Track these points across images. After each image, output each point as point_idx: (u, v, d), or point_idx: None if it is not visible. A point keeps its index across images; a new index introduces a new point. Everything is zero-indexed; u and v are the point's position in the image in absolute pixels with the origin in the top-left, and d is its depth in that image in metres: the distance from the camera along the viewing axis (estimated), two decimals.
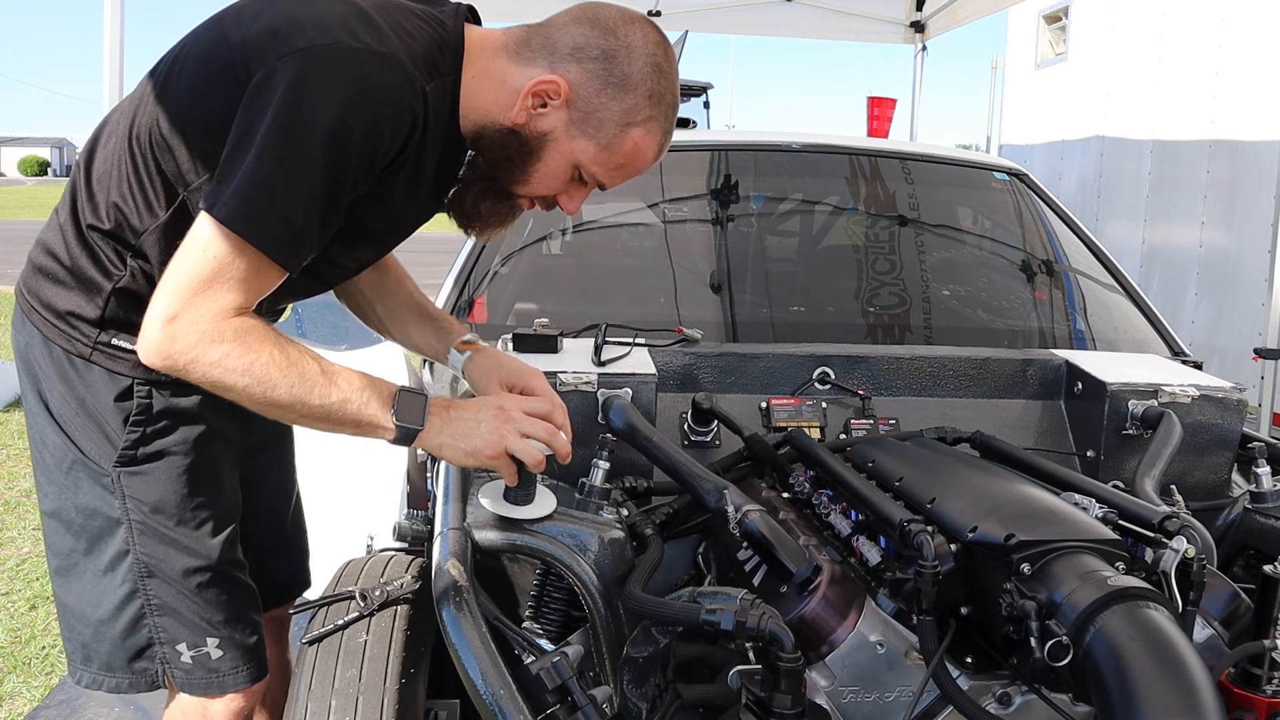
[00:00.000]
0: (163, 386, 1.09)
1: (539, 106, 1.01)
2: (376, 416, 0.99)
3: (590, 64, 1.00)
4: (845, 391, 1.59)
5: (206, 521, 1.14)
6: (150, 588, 1.13)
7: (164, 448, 1.11)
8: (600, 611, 1.07)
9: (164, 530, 1.11)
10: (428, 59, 0.98)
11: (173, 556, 1.12)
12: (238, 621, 1.16)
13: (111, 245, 1.06)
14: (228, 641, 1.15)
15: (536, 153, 1.03)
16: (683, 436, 1.52)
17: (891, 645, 1.00)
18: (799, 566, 1.02)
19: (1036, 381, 1.64)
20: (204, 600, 1.14)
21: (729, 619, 0.90)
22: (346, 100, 0.91)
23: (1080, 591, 0.88)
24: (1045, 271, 2.13)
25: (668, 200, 2.12)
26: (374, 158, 0.95)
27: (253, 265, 0.93)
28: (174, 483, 1.11)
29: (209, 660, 1.15)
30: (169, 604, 1.13)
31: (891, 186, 2.19)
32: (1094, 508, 1.08)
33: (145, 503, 1.11)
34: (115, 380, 1.08)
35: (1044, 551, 0.94)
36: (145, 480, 1.10)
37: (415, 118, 0.96)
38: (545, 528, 1.08)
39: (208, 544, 1.13)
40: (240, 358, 0.94)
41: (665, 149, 1.07)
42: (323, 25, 0.95)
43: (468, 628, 0.90)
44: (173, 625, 1.14)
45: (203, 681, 1.16)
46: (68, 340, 1.08)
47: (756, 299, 2.00)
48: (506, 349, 1.52)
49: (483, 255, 1.94)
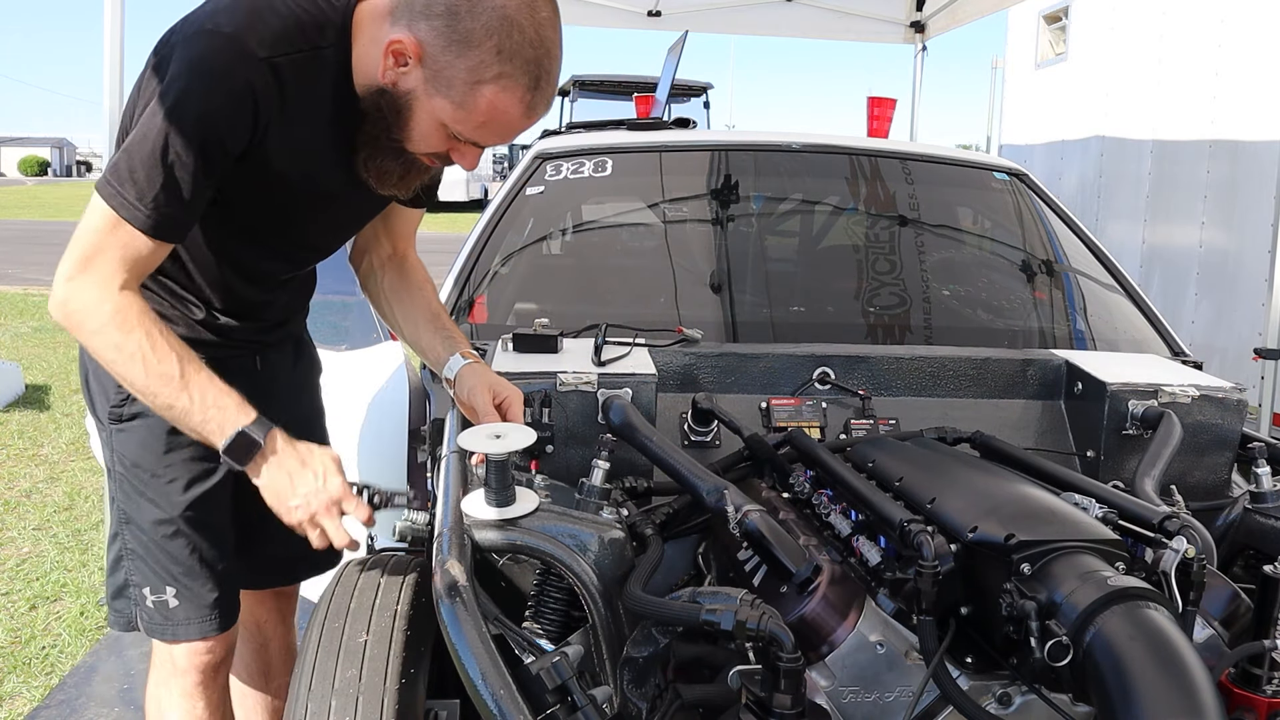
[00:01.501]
0: None
1: (400, 66, 1.04)
2: (211, 439, 1.09)
3: (435, 20, 1.01)
4: (845, 391, 1.59)
5: (175, 480, 1.23)
6: (125, 533, 1.26)
7: (143, 409, 1.20)
8: (600, 611, 1.07)
9: (137, 483, 1.23)
10: (285, 34, 1.04)
11: (143, 507, 1.24)
12: (197, 576, 1.25)
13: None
14: (185, 592, 1.25)
15: (405, 111, 1.06)
16: (683, 436, 1.52)
17: (891, 645, 1.00)
18: (799, 566, 1.02)
19: (1036, 381, 1.64)
20: (166, 551, 1.24)
21: (729, 619, 0.90)
22: (186, 78, 1.01)
23: (1080, 591, 0.88)
24: (1045, 271, 2.13)
25: (668, 200, 2.12)
26: (214, 126, 1.02)
27: (125, 235, 1.03)
28: (151, 442, 1.22)
29: (166, 608, 1.25)
30: (138, 550, 1.25)
31: (891, 186, 2.19)
32: (1094, 508, 1.08)
33: (126, 456, 1.23)
34: None
35: (1044, 551, 0.93)
36: (127, 436, 1.23)
37: (252, 89, 1.03)
38: (545, 528, 1.08)
39: (174, 500, 1.23)
40: (112, 334, 1.04)
41: (540, 105, 1.04)
42: (199, 13, 1.05)
43: (468, 628, 0.90)
44: (140, 569, 1.25)
45: (159, 626, 1.27)
46: None
47: (756, 299, 2.00)
48: (507, 349, 1.52)
49: (483, 255, 1.94)
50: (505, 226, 1.99)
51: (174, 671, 1.29)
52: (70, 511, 3.32)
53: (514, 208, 2.01)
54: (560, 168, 2.05)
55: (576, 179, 2.04)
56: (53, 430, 4.28)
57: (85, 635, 2.48)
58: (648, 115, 2.81)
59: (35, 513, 3.31)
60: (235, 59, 1.01)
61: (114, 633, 2.50)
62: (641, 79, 8.75)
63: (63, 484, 3.60)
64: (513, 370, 1.40)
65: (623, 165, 2.07)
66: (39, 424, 4.37)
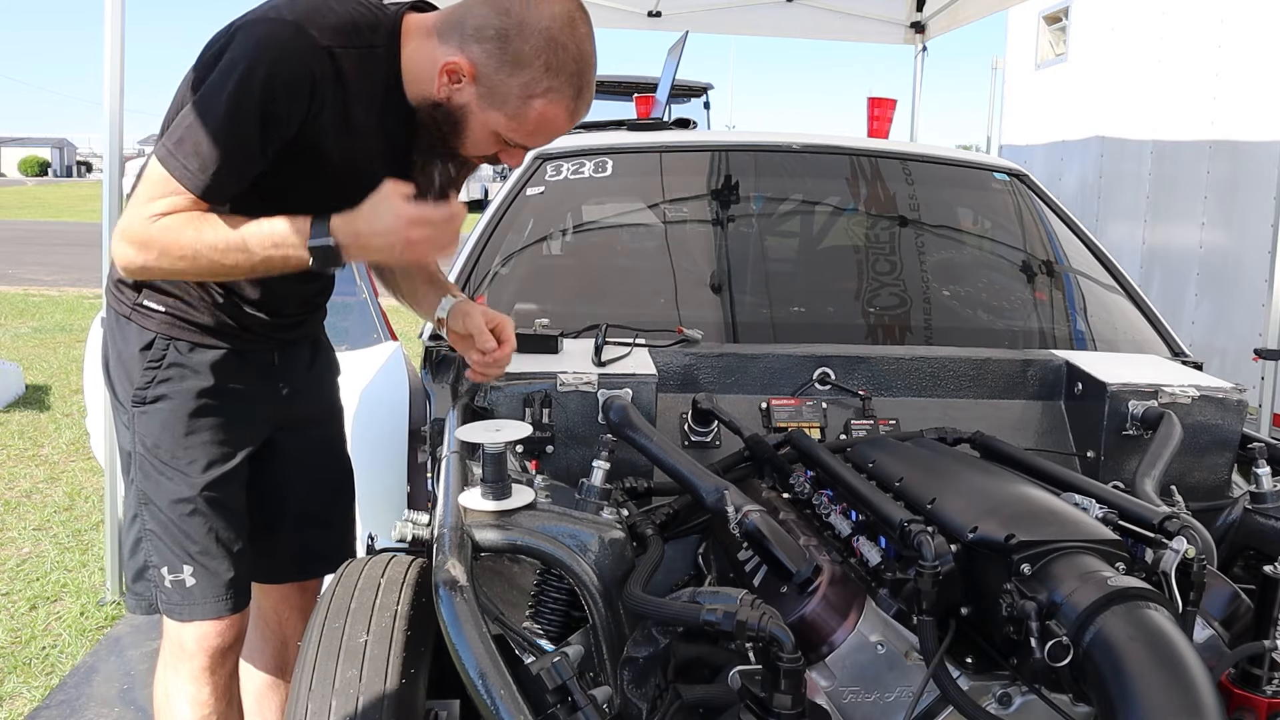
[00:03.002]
0: (180, 342, 1.27)
1: (454, 84, 1.15)
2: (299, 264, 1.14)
3: (488, 44, 1.11)
4: (845, 392, 1.59)
5: (195, 461, 1.28)
6: (144, 514, 1.30)
7: (167, 393, 1.27)
8: (600, 611, 1.07)
9: (157, 464, 1.28)
10: (342, 28, 1.13)
11: (163, 486, 1.28)
12: (214, 555, 1.30)
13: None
14: (201, 570, 1.29)
15: (461, 123, 1.17)
16: (683, 437, 1.53)
17: (891, 645, 1.00)
18: (799, 567, 1.02)
19: (1036, 382, 1.64)
20: (184, 530, 1.28)
21: (729, 619, 0.90)
22: (249, 57, 1.08)
23: (1080, 592, 0.88)
24: (1045, 272, 2.12)
25: (668, 201, 2.12)
26: (276, 100, 1.09)
27: (174, 192, 1.11)
28: (172, 424, 1.27)
29: (183, 587, 1.29)
30: (156, 530, 1.29)
31: (892, 187, 2.19)
32: (1094, 508, 1.08)
33: (148, 438, 1.28)
34: (143, 335, 1.28)
35: (1044, 552, 0.93)
36: (149, 419, 1.28)
37: (312, 72, 1.11)
38: (546, 528, 1.08)
39: (193, 480, 1.28)
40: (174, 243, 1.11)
41: (582, 110, 1.17)
42: (260, 7, 1.13)
43: (468, 628, 0.90)
44: (159, 549, 1.29)
45: (177, 606, 1.30)
46: (117, 303, 1.30)
47: (757, 299, 2.00)
48: None
49: (483, 255, 1.94)
50: (505, 227, 1.99)
51: (182, 655, 1.32)
52: (70, 512, 3.32)
53: (514, 208, 2.01)
54: (560, 168, 2.05)
55: (577, 179, 2.04)
56: (53, 430, 4.28)
57: (85, 635, 2.48)
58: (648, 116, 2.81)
59: (35, 513, 3.31)
60: (299, 41, 1.10)
61: (114, 633, 2.50)
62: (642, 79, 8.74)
63: (63, 484, 3.60)
64: (513, 370, 1.40)
65: (623, 166, 2.07)
66: (39, 424, 4.37)
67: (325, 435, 1.50)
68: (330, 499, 1.50)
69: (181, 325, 1.27)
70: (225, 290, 1.28)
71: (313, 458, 1.47)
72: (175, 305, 1.27)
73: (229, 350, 1.29)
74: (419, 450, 1.76)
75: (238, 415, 1.32)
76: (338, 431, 1.53)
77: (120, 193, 2.60)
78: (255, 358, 1.34)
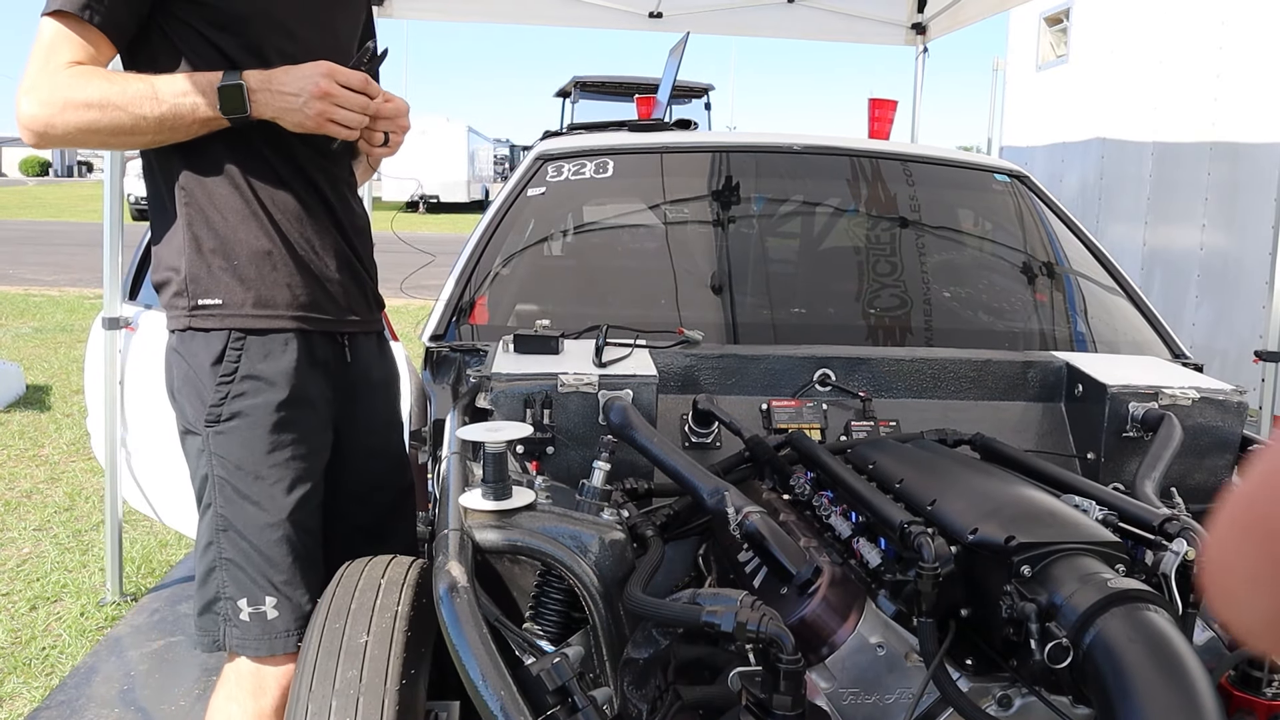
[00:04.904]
0: (253, 339, 1.21)
1: None
2: (208, 113, 1.15)
3: None
4: (846, 393, 1.59)
5: (280, 481, 1.21)
6: (222, 541, 1.22)
7: (244, 408, 1.21)
8: (601, 613, 1.07)
9: (240, 486, 1.21)
10: None
11: (246, 511, 1.21)
12: (298, 584, 1.22)
13: (169, 203, 1.23)
14: (285, 602, 1.22)
15: None
16: (683, 438, 1.53)
17: (892, 647, 0.99)
18: (799, 568, 1.02)
19: (1037, 384, 1.64)
20: (267, 558, 1.21)
21: (729, 620, 0.90)
22: None
23: (1080, 594, 0.88)
24: (1046, 274, 2.12)
25: (669, 202, 2.12)
26: None
27: (70, 30, 1.13)
28: (254, 441, 1.21)
29: (264, 619, 1.21)
30: (236, 559, 1.21)
31: (892, 188, 2.19)
32: (1094, 510, 1.08)
33: (227, 459, 1.21)
34: (210, 343, 1.22)
35: (1044, 554, 0.93)
36: (227, 438, 1.21)
37: None
38: (546, 529, 1.08)
39: (279, 502, 1.21)
40: (76, 92, 1.11)
41: None
42: None
43: (468, 628, 0.90)
44: (237, 579, 1.21)
45: (255, 641, 1.22)
46: (174, 319, 1.24)
47: (757, 301, 2.00)
48: (508, 350, 1.52)
49: (484, 256, 1.94)
50: (506, 228, 1.99)
51: (255, 690, 1.22)
52: (70, 512, 3.32)
53: (515, 209, 2.01)
54: (562, 169, 2.05)
55: (578, 180, 2.04)
56: (53, 430, 4.28)
57: (85, 636, 2.48)
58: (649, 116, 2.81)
59: (35, 513, 3.31)
60: None
61: (114, 633, 2.50)
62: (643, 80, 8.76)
63: (63, 484, 3.60)
64: (514, 371, 1.40)
65: (624, 166, 2.07)
66: (39, 424, 4.37)
67: (385, 444, 1.43)
68: (390, 512, 1.43)
69: (243, 313, 1.21)
70: (267, 216, 1.22)
71: (375, 467, 1.39)
72: (230, 289, 1.21)
73: (300, 348, 1.22)
74: (419, 450, 1.76)
75: (315, 426, 1.26)
76: (398, 441, 1.46)
77: (121, 193, 2.60)
78: (326, 352, 1.28)
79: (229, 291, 1.22)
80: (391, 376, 1.48)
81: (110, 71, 1.15)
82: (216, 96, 1.14)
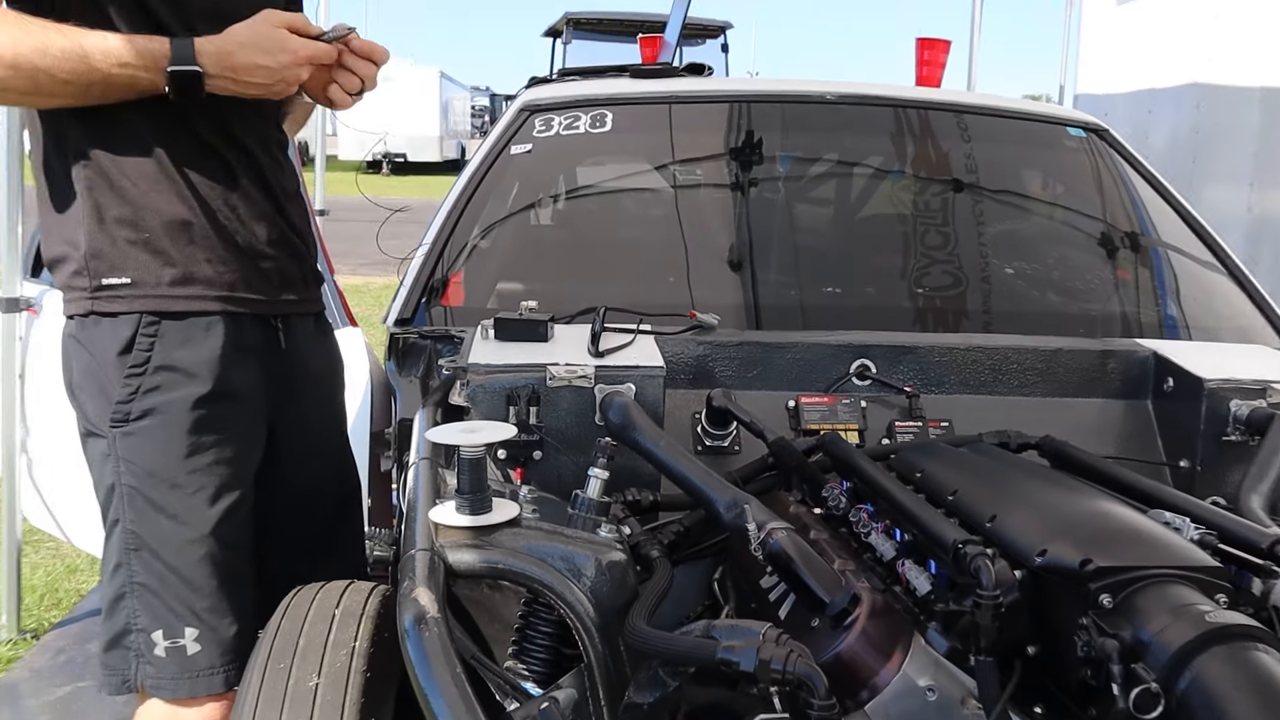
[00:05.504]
0: (168, 324, 1.20)
1: None
2: (151, 84, 1.14)
3: None
4: (889, 388, 1.60)
5: (201, 489, 1.20)
6: (133, 562, 1.19)
7: (158, 404, 1.19)
8: (597, 649, 1.07)
9: (154, 496, 1.19)
10: None
11: (161, 526, 1.19)
12: (224, 612, 1.21)
13: (60, 165, 1.21)
14: (208, 634, 1.20)
15: None
16: (695, 441, 1.54)
17: (944, 690, 0.99)
18: (833, 596, 1.02)
19: (1118, 377, 1.65)
20: (187, 581, 1.19)
21: (750, 658, 0.90)
22: None
23: (1173, 629, 0.88)
24: (1129, 246, 2.13)
25: (678, 161, 2.13)
26: None
27: None
28: (170, 443, 1.19)
29: (183, 655, 1.19)
30: (149, 584, 1.19)
31: (945, 145, 2.19)
32: (1189, 528, 1.08)
33: (138, 465, 1.19)
34: (117, 329, 1.20)
35: (1128, 580, 0.94)
36: (137, 440, 1.19)
37: None
38: (532, 548, 1.08)
39: (201, 514, 1.19)
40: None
41: None
42: None
43: (439, 669, 0.90)
44: (151, 607, 1.19)
45: (172, 681, 1.20)
46: (73, 303, 1.23)
47: (783, 278, 2.01)
48: (488, 337, 1.53)
49: (459, 226, 1.94)
50: (486, 192, 2.00)
51: None
52: None
53: (496, 170, 2.02)
54: (551, 122, 2.05)
55: (570, 136, 2.04)
56: None
57: None
58: (655, 60, 2.81)
59: None
60: None
61: (9, 679, 2.47)
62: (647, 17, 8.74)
63: None
64: (494, 362, 1.41)
65: (625, 119, 2.07)
66: None
67: (327, 444, 1.43)
68: (334, 521, 1.44)
69: (158, 293, 1.20)
70: (184, 179, 1.21)
71: (315, 470, 1.39)
72: (140, 265, 1.19)
73: (226, 333, 1.21)
74: (382, 456, 1.77)
75: (243, 424, 1.25)
76: (342, 440, 1.47)
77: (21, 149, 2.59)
78: (256, 337, 1.28)
79: (139, 268, 1.20)
80: (334, 365, 1.49)
81: (19, 16, 1.11)
82: (165, 79, 1.12)
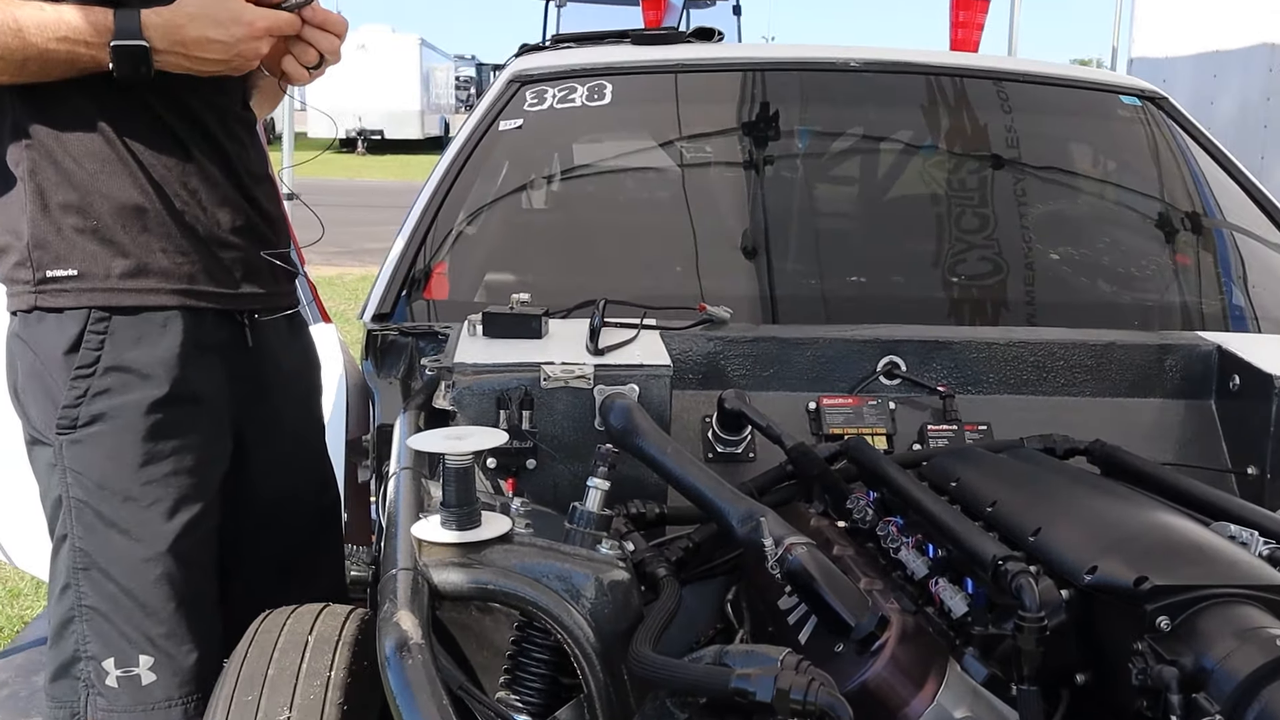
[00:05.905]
0: (120, 320, 1.20)
1: None
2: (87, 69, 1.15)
3: None
4: (920, 388, 1.61)
5: (158, 502, 1.20)
6: (83, 583, 1.19)
7: (109, 409, 1.19)
8: (597, 677, 1.07)
9: (105, 510, 1.19)
10: None
11: (113, 543, 1.19)
12: (182, 638, 1.21)
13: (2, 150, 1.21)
14: (164, 662, 1.20)
15: None
16: (706, 447, 1.54)
17: None
18: (859, 618, 1.02)
19: (1178, 374, 1.65)
20: (141, 604, 1.19)
21: (767, 687, 0.91)
22: None
23: (1239, 655, 0.88)
24: (1190, 228, 2.13)
25: (685, 137, 2.14)
26: None
27: None
28: (123, 451, 1.18)
29: (138, 684, 1.20)
30: (100, 607, 1.19)
31: (982, 116, 2.19)
32: (1257, 542, 1.08)
33: (87, 475, 1.20)
34: (63, 326, 1.20)
35: (1189, 600, 0.94)
36: (86, 448, 1.19)
37: None
38: (526, 566, 1.09)
39: (157, 530, 1.20)
40: None
41: None
42: None
43: (423, 701, 0.91)
44: (102, 633, 1.19)
45: (125, 712, 1.21)
46: (15, 298, 1.23)
47: (803, 267, 2.01)
48: (475, 333, 1.54)
49: (443, 210, 1.95)
50: (472, 172, 2.00)
51: None
52: None
53: (484, 148, 2.02)
54: (544, 95, 2.05)
55: (565, 109, 2.04)
56: None
57: None
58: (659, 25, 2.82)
59: None
60: None
61: None
62: None
63: None
64: (483, 361, 1.41)
65: (625, 91, 2.08)
66: None
67: (301, 452, 1.44)
68: (309, 537, 1.45)
69: (107, 286, 1.20)
70: (137, 161, 1.21)
71: (287, 482, 1.40)
72: (89, 255, 1.20)
73: (185, 330, 1.21)
74: (359, 465, 1.77)
75: (206, 430, 1.26)
76: (318, 447, 1.48)
77: None
78: (220, 336, 1.29)
79: (86, 259, 1.21)
80: (309, 364, 1.49)
81: None
82: (108, 55, 1.13)
